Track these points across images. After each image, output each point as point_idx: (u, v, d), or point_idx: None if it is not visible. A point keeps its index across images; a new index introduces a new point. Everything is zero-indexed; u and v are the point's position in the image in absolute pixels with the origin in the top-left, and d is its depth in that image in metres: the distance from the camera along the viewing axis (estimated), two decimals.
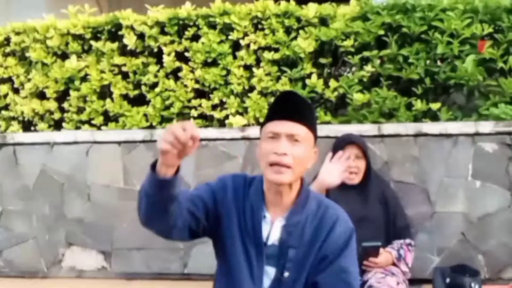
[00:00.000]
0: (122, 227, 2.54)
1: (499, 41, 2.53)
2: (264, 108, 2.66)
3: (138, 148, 2.52)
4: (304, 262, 1.14)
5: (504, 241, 2.21)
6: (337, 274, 1.13)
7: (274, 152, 1.11)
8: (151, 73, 2.74)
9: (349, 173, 2.01)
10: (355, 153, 2.03)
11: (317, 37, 2.65)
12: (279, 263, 1.15)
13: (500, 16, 2.56)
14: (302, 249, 1.14)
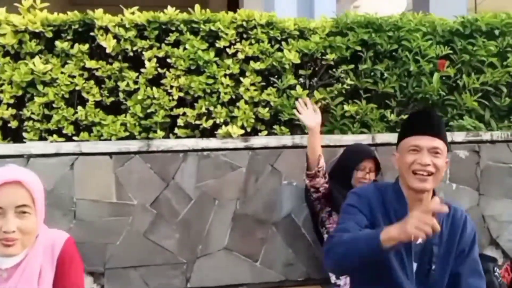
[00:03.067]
0: (115, 245, 3.01)
1: (454, 61, 3.91)
2: (251, 118, 3.54)
3: (133, 160, 3.04)
4: (447, 257, 1.85)
5: None
6: (471, 265, 1.87)
7: (418, 163, 1.79)
8: (130, 79, 3.42)
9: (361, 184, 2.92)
10: (370, 167, 2.97)
11: (299, 49, 3.69)
12: (424, 259, 1.83)
13: (453, 39, 3.95)
14: (443, 246, 1.85)
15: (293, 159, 3.21)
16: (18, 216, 1.60)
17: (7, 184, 1.60)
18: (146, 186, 3.06)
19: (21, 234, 1.60)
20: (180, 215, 3.08)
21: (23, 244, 1.62)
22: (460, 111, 3.68)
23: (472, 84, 3.67)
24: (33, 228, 1.63)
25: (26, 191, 1.62)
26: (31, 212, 1.62)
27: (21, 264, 1.64)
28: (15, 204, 1.60)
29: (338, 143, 3.22)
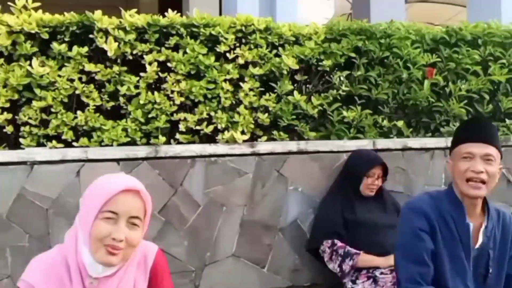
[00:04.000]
0: None
1: (441, 69, 4.38)
2: (250, 123, 3.83)
3: (141, 166, 3.20)
4: (502, 260, 2.10)
5: None
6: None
7: (471, 170, 2.02)
8: (131, 83, 3.59)
9: (371, 190, 3.31)
10: (379, 173, 3.29)
11: (295, 55, 4.02)
12: (480, 263, 2.08)
13: (438, 47, 4.42)
14: (497, 250, 2.09)
15: (299, 164, 3.49)
16: (128, 226, 1.68)
17: (127, 191, 1.69)
18: (154, 193, 3.22)
19: (127, 245, 1.67)
20: (189, 222, 3.29)
21: (125, 256, 1.69)
22: (447, 117, 4.13)
23: (458, 91, 4.12)
24: (138, 242, 1.71)
25: (142, 203, 1.71)
26: (140, 225, 1.71)
27: (116, 275, 1.71)
28: (130, 214, 1.69)
29: (341, 149, 3.55)
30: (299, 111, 3.76)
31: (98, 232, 1.66)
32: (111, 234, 1.66)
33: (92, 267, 1.67)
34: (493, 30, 4.33)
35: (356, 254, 3.10)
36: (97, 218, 1.67)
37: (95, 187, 1.73)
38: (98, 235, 1.66)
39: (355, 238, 3.23)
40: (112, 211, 1.67)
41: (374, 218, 3.27)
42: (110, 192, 1.68)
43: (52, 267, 1.69)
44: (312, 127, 3.79)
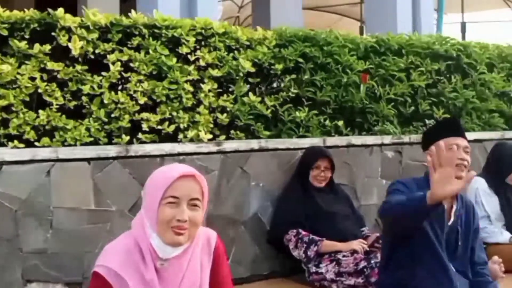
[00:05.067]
0: (93, 254, 2.93)
1: (372, 74, 4.41)
2: (210, 123, 3.62)
3: (111, 165, 2.98)
4: (467, 235, 2.38)
5: None
6: (479, 241, 2.45)
7: (459, 158, 2.25)
8: (94, 82, 3.26)
9: (319, 181, 3.41)
10: (325, 165, 3.41)
11: (250, 58, 3.85)
12: (451, 238, 2.34)
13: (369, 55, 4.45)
14: (463, 227, 2.36)
15: (260, 161, 3.45)
16: (189, 208, 1.71)
17: (184, 177, 1.72)
18: (124, 192, 3.02)
19: (191, 225, 1.71)
20: None
21: (190, 235, 1.73)
22: (377, 118, 4.19)
23: (386, 95, 4.21)
24: (200, 220, 1.75)
25: (199, 186, 1.74)
26: (200, 206, 1.74)
27: (184, 256, 1.74)
28: (190, 197, 1.71)
29: (297, 146, 3.55)
30: (254, 112, 3.61)
31: (164, 216, 1.70)
32: (175, 217, 1.70)
33: (162, 250, 1.72)
34: (414, 41, 4.48)
35: (320, 241, 3.20)
36: (161, 205, 1.71)
37: (155, 178, 1.79)
38: (164, 219, 1.70)
39: (316, 227, 3.31)
40: (173, 196, 1.72)
41: (331, 209, 3.37)
42: (169, 179, 1.72)
43: (127, 252, 1.72)
44: (266, 127, 3.65)
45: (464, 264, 2.42)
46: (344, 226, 3.31)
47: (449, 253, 2.37)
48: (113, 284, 1.68)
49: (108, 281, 1.68)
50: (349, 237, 3.25)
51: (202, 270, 1.79)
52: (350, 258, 3.11)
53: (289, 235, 3.28)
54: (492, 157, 3.68)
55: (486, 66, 4.83)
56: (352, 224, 3.37)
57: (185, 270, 1.75)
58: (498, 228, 3.43)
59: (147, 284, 1.69)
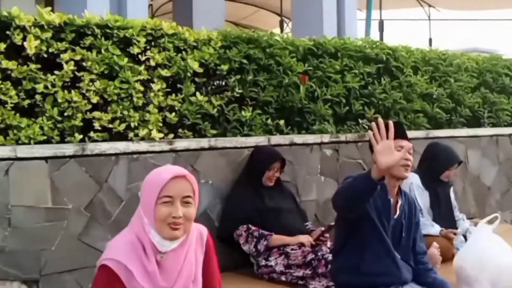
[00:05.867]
0: (50, 251, 3.01)
1: (311, 76, 4.75)
2: (159, 122, 3.79)
3: (68, 164, 3.09)
4: (410, 227, 2.71)
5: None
6: (420, 232, 2.79)
7: (405, 158, 2.58)
8: (48, 81, 3.33)
9: (270, 181, 3.67)
10: (278, 167, 3.68)
11: (197, 59, 4.05)
12: (396, 230, 2.67)
13: (308, 57, 4.78)
14: (407, 220, 2.70)
15: (209, 159, 3.65)
16: (183, 205, 1.94)
17: (176, 178, 1.95)
18: (81, 190, 3.16)
19: (185, 220, 1.94)
20: (112, 217, 3.25)
21: (185, 229, 1.96)
22: (315, 117, 4.54)
23: (324, 96, 4.56)
24: (193, 215, 1.98)
25: (190, 184, 1.97)
26: (192, 203, 1.97)
27: (181, 249, 1.97)
28: (183, 195, 1.95)
29: (244, 145, 3.81)
30: (202, 111, 3.84)
31: (161, 214, 1.92)
32: (171, 214, 1.92)
33: (161, 244, 1.94)
34: (348, 45, 4.84)
35: (269, 235, 3.42)
36: (157, 204, 1.93)
37: (150, 180, 2.01)
38: (161, 217, 1.92)
39: (264, 222, 3.53)
40: (168, 196, 1.93)
41: (278, 205, 3.61)
42: (163, 181, 1.94)
43: (131, 246, 1.93)
44: (212, 126, 3.89)
45: (407, 253, 2.78)
46: (290, 221, 3.59)
47: (394, 243, 2.72)
48: (121, 275, 1.89)
49: (116, 273, 1.88)
50: (295, 232, 3.53)
51: (196, 262, 2.02)
52: (298, 251, 3.38)
53: (240, 231, 3.50)
54: (426, 156, 4.11)
55: (411, 69, 5.33)
56: (297, 219, 3.68)
57: (182, 261, 1.98)
58: (429, 221, 3.87)
59: (149, 275, 1.91)
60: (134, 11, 5.79)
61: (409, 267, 2.80)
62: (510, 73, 6.36)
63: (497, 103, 6.10)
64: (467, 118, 5.80)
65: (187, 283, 2.00)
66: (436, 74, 5.61)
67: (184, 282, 1.99)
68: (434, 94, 5.48)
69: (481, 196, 5.56)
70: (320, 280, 3.22)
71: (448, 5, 14.34)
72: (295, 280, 3.34)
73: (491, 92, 6.11)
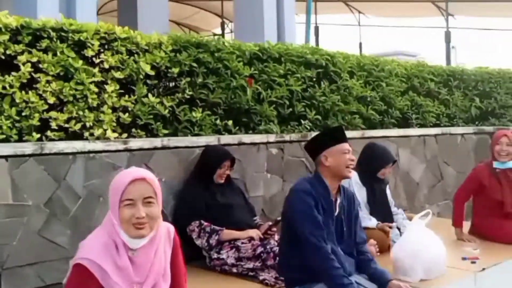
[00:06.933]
0: (12, 245, 3.05)
1: (257, 79, 4.96)
2: (113, 122, 3.88)
3: (28, 162, 3.14)
4: (350, 220, 2.98)
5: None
6: (359, 223, 3.08)
7: (351, 160, 2.87)
8: (6, 82, 3.34)
9: (221, 179, 3.86)
10: (228, 165, 3.87)
11: (149, 62, 4.17)
12: (338, 225, 2.92)
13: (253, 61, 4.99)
14: (347, 214, 2.95)
15: (162, 158, 3.79)
16: (145, 205, 2.07)
17: (136, 180, 2.07)
18: (40, 187, 3.23)
19: (149, 219, 2.07)
20: (71, 213, 3.34)
21: (151, 227, 2.08)
22: (261, 118, 4.77)
23: (269, 98, 4.80)
24: (156, 214, 2.10)
25: (150, 186, 2.09)
26: (154, 202, 2.09)
27: (152, 244, 2.10)
28: (143, 196, 2.07)
29: (195, 144, 3.99)
30: (154, 112, 3.98)
31: (124, 216, 2.05)
32: (134, 215, 2.05)
33: (131, 242, 2.07)
34: (291, 51, 5.10)
35: (220, 230, 3.57)
36: (121, 207, 2.06)
37: (113, 184, 2.12)
38: (125, 218, 2.05)
39: (216, 218, 3.66)
40: (129, 199, 2.06)
41: (229, 201, 3.79)
42: (123, 185, 2.07)
43: (103, 245, 2.04)
44: (164, 126, 4.03)
45: (350, 246, 3.03)
46: (240, 216, 3.79)
47: (338, 238, 2.96)
48: (95, 272, 1.99)
49: (90, 271, 1.99)
50: (244, 226, 3.73)
51: (165, 257, 2.17)
52: (248, 244, 3.57)
53: (192, 226, 3.66)
54: (364, 155, 4.40)
55: (348, 74, 5.66)
56: (246, 214, 3.88)
57: (153, 257, 2.11)
58: (367, 214, 4.16)
59: (122, 271, 2.04)
60: (83, 14, 5.82)
61: (352, 259, 3.04)
62: (435, 79, 6.86)
63: (423, 106, 6.56)
64: (398, 119, 6.22)
65: (157, 277, 2.14)
66: (370, 78, 5.98)
67: (155, 277, 2.13)
68: (368, 97, 5.83)
69: (411, 191, 5.97)
70: (269, 271, 3.43)
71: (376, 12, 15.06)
72: (246, 272, 3.53)
73: (418, 96, 6.57)
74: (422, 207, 5.82)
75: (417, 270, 3.47)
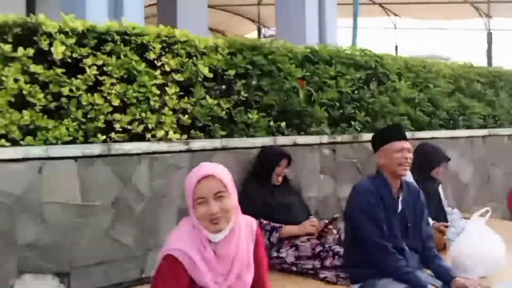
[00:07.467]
0: (80, 245, 3.13)
1: (308, 81, 4.95)
2: (173, 124, 3.92)
3: (95, 163, 3.21)
4: (415, 216, 2.96)
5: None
6: (426, 218, 3.04)
7: (405, 157, 2.87)
8: (73, 85, 3.42)
9: (278, 177, 3.89)
10: (285, 164, 3.90)
11: (207, 64, 4.20)
12: (403, 220, 2.93)
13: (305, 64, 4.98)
14: (412, 211, 2.96)
15: (222, 159, 3.83)
16: (216, 200, 2.10)
17: (203, 179, 2.10)
18: (107, 188, 3.27)
19: (223, 212, 2.11)
20: (136, 213, 3.37)
21: (227, 219, 2.13)
22: (312, 119, 4.74)
23: (320, 99, 4.77)
24: (230, 206, 2.14)
25: (219, 181, 2.12)
26: (225, 195, 2.12)
27: (233, 235, 2.15)
28: (213, 192, 2.11)
29: (252, 145, 4.01)
30: (211, 113, 3.99)
31: (200, 215, 2.11)
32: (208, 211, 2.09)
33: (211, 236, 2.11)
34: (340, 53, 5.06)
35: (280, 227, 3.59)
36: (195, 206, 2.11)
37: (186, 185, 2.18)
38: (201, 216, 2.11)
39: (274, 217, 3.68)
40: (200, 197, 2.10)
41: (287, 200, 3.84)
42: (192, 185, 2.13)
43: (190, 237, 2.11)
44: (221, 127, 4.04)
45: (415, 242, 3.02)
46: (297, 215, 3.81)
47: (402, 234, 2.96)
48: (184, 262, 2.05)
49: (180, 261, 2.05)
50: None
51: (248, 249, 2.20)
52: (307, 243, 3.59)
53: None
54: (418, 155, 4.37)
55: (396, 75, 5.61)
56: (302, 213, 3.88)
57: (235, 249, 2.15)
58: None
59: (208, 262, 2.09)
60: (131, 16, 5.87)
61: (417, 255, 3.04)
62: (481, 80, 6.74)
63: (470, 107, 6.45)
64: (445, 120, 6.12)
65: (241, 269, 2.18)
66: (418, 80, 5.91)
67: (239, 268, 2.17)
68: (416, 98, 5.76)
69: (459, 192, 5.88)
70: (329, 270, 3.42)
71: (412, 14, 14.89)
72: (305, 270, 3.54)
73: (465, 97, 6.46)
74: (471, 209, 5.72)
75: (477, 267, 3.44)
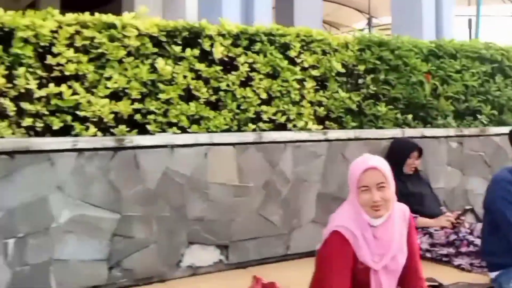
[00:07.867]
0: (237, 221, 3.62)
1: (433, 75, 5.13)
2: (311, 115, 4.31)
3: (249, 149, 3.68)
4: None
5: None
6: None
7: None
8: (229, 81, 3.92)
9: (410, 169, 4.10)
10: (417, 155, 4.08)
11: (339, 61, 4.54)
12: None
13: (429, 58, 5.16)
14: None
15: (355, 148, 4.13)
16: (379, 190, 2.36)
17: (368, 170, 2.37)
18: (258, 171, 3.69)
19: (384, 201, 2.36)
20: (282, 195, 3.76)
21: (386, 208, 2.38)
22: (438, 112, 4.90)
23: (445, 93, 4.91)
24: (389, 196, 2.39)
25: (381, 173, 2.38)
26: (386, 186, 2.38)
27: (390, 222, 2.40)
28: (376, 182, 2.36)
29: (382, 136, 4.29)
30: (344, 106, 4.29)
31: (362, 201, 2.36)
32: (370, 199, 2.34)
33: (371, 220, 2.37)
34: (465, 47, 5.18)
35: (415, 217, 3.72)
36: (358, 192, 2.36)
37: (350, 172, 2.43)
38: (363, 202, 2.36)
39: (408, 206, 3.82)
40: (364, 186, 2.35)
41: (419, 190, 3.98)
42: (357, 174, 2.37)
43: (353, 217, 2.36)
44: (352, 119, 4.33)
45: None
46: (429, 205, 4.01)
47: None
48: (349, 239, 2.33)
49: (346, 238, 2.33)
50: (432, 214, 3.93)
51: (401, 235, 2.45)
52: (441, 231, 3.78)
53: None
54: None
55: None
56: (434, 202, 4.10)
57: (391, 233, 2.39)
58: None
59: (368, 242, 2.35)
60: (260, 16, 6.32)
61: None
62: None
63: None
64: None
65: (396, 251, 2.42)
66: None
67: (394, 249, 2.41)
68: None
69: None
70: (463, 258, 3.61)
71: None
72: (439, 257, 3.75)
73: None
74: None
75: None
